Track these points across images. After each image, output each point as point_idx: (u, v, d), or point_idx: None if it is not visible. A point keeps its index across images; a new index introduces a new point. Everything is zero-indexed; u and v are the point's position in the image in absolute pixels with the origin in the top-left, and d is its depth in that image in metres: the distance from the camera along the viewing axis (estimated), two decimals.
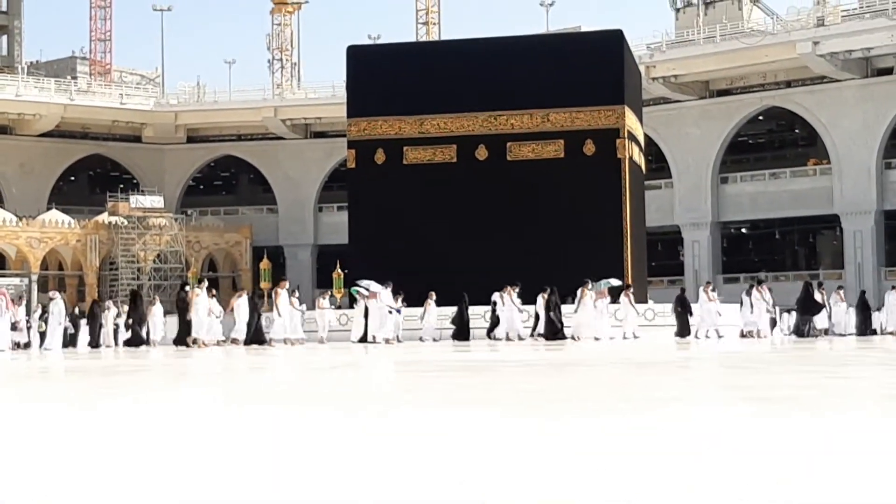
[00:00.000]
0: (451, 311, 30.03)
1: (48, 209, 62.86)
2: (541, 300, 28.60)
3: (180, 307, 27.50)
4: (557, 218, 33.50)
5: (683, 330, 29.12)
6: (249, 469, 4.84)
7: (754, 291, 29.74)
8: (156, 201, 62.92)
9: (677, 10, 65.33)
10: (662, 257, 59.07)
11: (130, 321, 29.37)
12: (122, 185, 65.28)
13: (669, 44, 59.83)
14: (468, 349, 23.29)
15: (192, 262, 61.76)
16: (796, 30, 56.17)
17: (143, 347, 27.87)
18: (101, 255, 61.20)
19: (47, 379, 14.75)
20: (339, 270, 41.53)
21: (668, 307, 31.01)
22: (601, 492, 4.11)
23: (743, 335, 28.86)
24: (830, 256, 59.77)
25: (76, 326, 32.87)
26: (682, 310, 29.62)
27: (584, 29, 53.30)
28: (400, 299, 29.74)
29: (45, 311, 31.28)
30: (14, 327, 28.12)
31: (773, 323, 30.37)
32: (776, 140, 63.53)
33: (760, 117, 60.81)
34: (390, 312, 28.77)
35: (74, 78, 73.56)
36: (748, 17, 62.23)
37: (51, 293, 31.78)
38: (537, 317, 28.85)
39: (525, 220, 33.76)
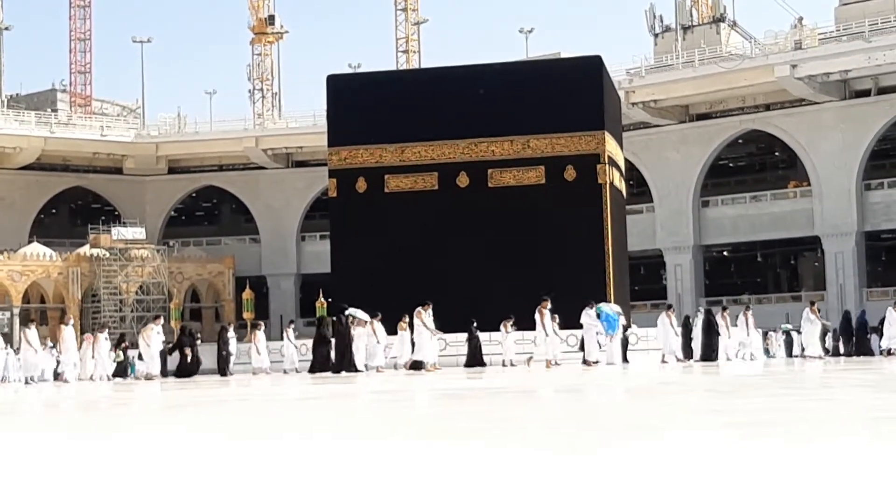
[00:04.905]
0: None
1: (29, 242, 62.64)
2: (699, 321, 28.76)
3: (340, 333, 27.20)
4: (539, 244, 33.48)
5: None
6: None
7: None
8: (137, 233, 62.74)
9: (656, 36, 65.70)
10: (645, 281, 59.20)
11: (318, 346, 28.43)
12: (103, 217, 65.13)
13: (648, 69, 60.14)
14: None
15: (174, 293, 61.52)
16: (774, 53, 56.58)
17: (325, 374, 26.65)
18: (83, 287, 60.94)
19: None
20: (323, 300, 41.41)
21: (653, 332, 30.91)
22: None
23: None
24: (812, 278, 59.99)
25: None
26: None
27: (563, 55, 53.43)
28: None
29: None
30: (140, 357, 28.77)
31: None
32: (756, 163, 63.85)
33: (740, 140, 61.11)
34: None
35: (55, 110, 73.43)
36: (726, 41, 62.63)
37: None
38: (688, 338, 28.93)
39: (507, 246, 33.69)
